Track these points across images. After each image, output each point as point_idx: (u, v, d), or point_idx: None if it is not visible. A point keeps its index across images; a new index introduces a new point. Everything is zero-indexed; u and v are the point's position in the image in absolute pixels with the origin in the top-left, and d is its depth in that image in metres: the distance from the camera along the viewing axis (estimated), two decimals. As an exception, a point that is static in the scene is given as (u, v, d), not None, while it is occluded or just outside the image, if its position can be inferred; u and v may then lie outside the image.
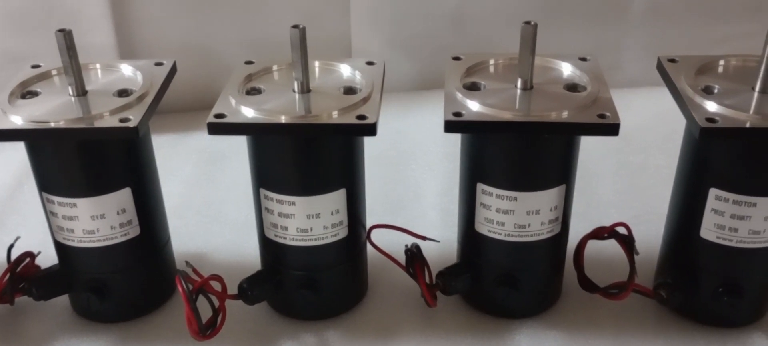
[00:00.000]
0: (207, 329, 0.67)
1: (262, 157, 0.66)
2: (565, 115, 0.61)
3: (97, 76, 0.71)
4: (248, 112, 0.62)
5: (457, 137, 0.69)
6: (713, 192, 0.64)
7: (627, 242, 0.70)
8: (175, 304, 0.77)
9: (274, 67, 0.70)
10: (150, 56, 0.99)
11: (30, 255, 0.73)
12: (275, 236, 0.69)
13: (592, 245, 0.73)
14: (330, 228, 0.68)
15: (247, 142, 0.67)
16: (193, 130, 1.11)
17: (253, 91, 0.67)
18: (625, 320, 0.74)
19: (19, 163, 0.95)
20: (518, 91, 0.65)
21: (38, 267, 0.74)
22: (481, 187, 0.67)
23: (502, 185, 0.65)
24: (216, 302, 0.68)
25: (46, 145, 0.64)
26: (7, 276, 0.71)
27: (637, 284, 0.70)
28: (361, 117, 0.61)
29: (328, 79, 0.69)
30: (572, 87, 0.66)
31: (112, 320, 0.74)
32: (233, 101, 0.64)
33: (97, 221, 0.67)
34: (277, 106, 0.64)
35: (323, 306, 0.73)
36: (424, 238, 0.74)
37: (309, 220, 0.67)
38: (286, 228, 0.68)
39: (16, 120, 0.62)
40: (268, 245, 0.71)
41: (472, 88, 0.67)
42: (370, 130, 0.61)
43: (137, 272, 0.72)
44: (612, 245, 0.71)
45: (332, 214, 0.67)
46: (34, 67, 0.71)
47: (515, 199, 0.65)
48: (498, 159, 0.65)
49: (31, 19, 1.03)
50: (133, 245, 0.70)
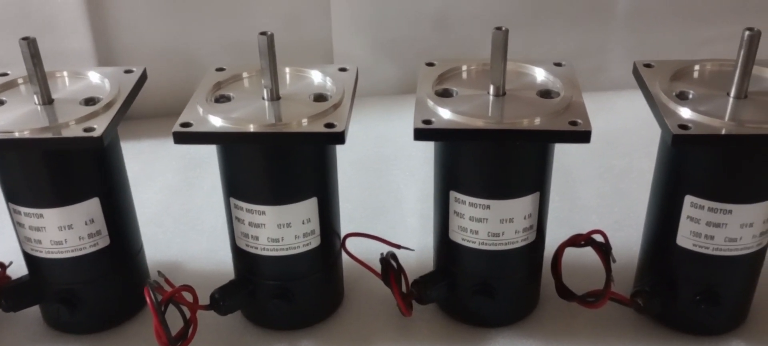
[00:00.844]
0: (177, 342, 0.65)
1: (231, 165, 0.65)
2: (537, 123, 0.60)
3: (64, 84, 0.70)
4: (216, 121, 0.61)
5: (438, 143, 0.68)
6: (689, 199, 0.63)
7: (603, 250, 0.69)
8: (148, 314, 0.74)
9: (244, 74, 0.69)
10: (129, 61, 0.99)
11: (0, 266, 0.72)
12: (247, 245, 0.68)
13: (573, 252, 0.72)
14: (302, 237, 0.67)
15: (216, 151, 0.66)
16: (173, 135, 1.10)
17: (222, 99, 0.66)
18: (603, 329, 0.73)
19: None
20: (490, 97, 0.64)
21: (9, 278, 0.73)
22: (454, 195, 0.66)
23: (475, 193, 0.64)
24: (188, 313, 0.67)
25: (11, 155, 0.63)
26: (-24, 287, 0.70)
27: (614, 293, 0.69)
28: (329, 125, 0.60)
29: (299, 85, 0.68)
30: (545, 93, 0.65)
31: (84, 332, 0.73)
32: (201, 109, 0.63)
33: (65, 231, 0.66)
34: (245, 114, 0.63)
35: (297, 316, 0.72)
36: (398, 246, 0.72)
37: (280, 229, 0.66)
38: (257, 237, 0.67)
39: (-20, 130, 0.61)
40: (240, 255, 0.70)
41: (444, 94, 0.66)
42: (338, 138, 0.60)
43: (108, 282, 0.71)
44: (592, 252, 0.70)
45: (304, 223, 0.66)
46: (2, 75, 0.70)
47: (488, 207, 0.64)
48: (470, 167, 0.64)
49: (6, 26, 1.02)
50: (102, 255, 0.69)
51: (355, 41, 1.15)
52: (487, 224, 0.65)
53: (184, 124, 0.61)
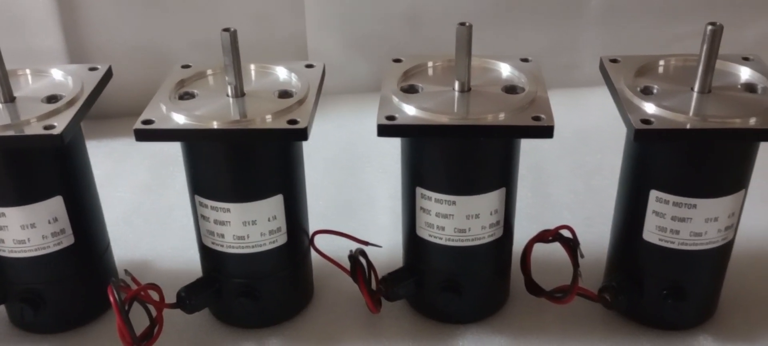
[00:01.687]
0: (142, 341, 0.65)
1: (195, 163, 0.65)
2: (501, 118, 0.60)
3: (27, 82, 0.69)
4: (179, 118, 0.61)
5: (404, 139, 0.68)
6: (654, 194, 0.63)
7: (571, 245, 0.68)
8: (114, 314, 0.74)
9: (209, 72, 0.69)
10: (101, 59, 0.97)
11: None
12: (212, 243, 0.67)
13: (545, 248, 0.71)
14: (267, 235, 0.66)
15: (180, 148, 0.65)
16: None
17: (186, 96, 0.66)
18: (572, 324, 0.73)
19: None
20: (455, 93, 0.64)
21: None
22: (420, 191, 0.65)
23: (441, 189, 0.64)
24: (154, 312, 0.66)
25: (-29, 153, 0.63)
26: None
27: (581, 288, 0.69)
28: (292, 122, 0.60)
29: (264, 82, 0.68)
30: (511, 89, 0.65)
31: (49, 331, 0.72)
32: (163, 107, 0.62)
33: (28, 230, 0.65)
34: (209, 111, 0.62)
35: (264, 314, 0.72)
36: (366, 243, 0.72)
37: (245, 227, 0.65)
38: (222, 235, 0.66)
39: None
40: (206, 253, 0.69)
41: (409, 91, 0.65)
42: (301, 135, 0.59)
43: (73, 281, 0.70)
44: (562, 248, 0.70)
45: (269, 220, 0.66)
46: (-37, 73, 0.69)
47: (454, 203, 0.64)
48: (435, 163, 0.64)
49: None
50: (66, 254, 0.68)
51: (329, 39, 1.14)
52: (453, 220, 0.65)
53: (146, 122, 0.61)
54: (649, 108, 0.60)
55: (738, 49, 0.74)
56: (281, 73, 0.69)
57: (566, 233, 0.69)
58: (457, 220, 0.65)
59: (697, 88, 0.62)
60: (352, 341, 0.72)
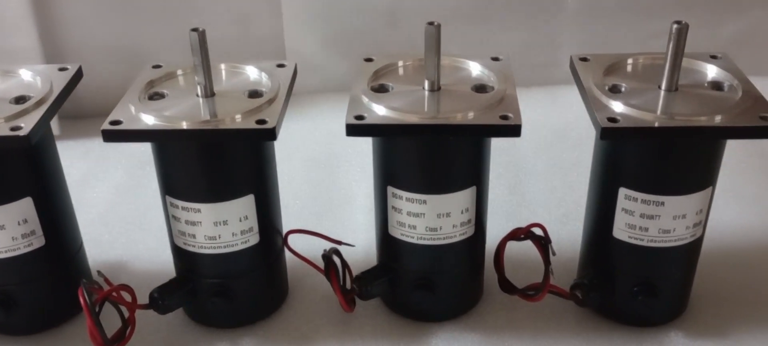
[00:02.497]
0: (113, 342, 0.65)
1: (166, 163, 0.65)
2: (470, 117, 0.60)
3: (-5, 83, 0.69)
4: (148, 119, 0.61)
5: (376, 139, 0.68)
6: (623, 191, 0.64)
7: (542, 243, 0.69)
8: (87, 315, 0.75)
9: (179, 72, 0.68)
10: (77, 59, 0.97)
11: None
12: (184, 243, 0.67)
13: (520, 246, 0.72)
14: (239, 235, 0.66)
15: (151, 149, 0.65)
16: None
17: (155, 96, 0.65)
18: (545, 321, 0.73)
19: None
20: (425, 93, 0.64)
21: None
22: (391, 190, 0.66)
23: (411, 188, 0.64)
24: (127, 313, 0.66)
25: (-62, 155, 0.62)
26: None
27: (553, 286, 0.69)
28: (260, 122, 0.60)
29: (235, 82, 0.68)
30: (480, 88, 0.65)
31: (21, 333, 0.72)
32: (132, 107, 0.62)
33: (-3, 232, 0.65)
34: (178, 111, 0.62)
35: (238, 314, 0.72)
36: (340, 242, 0.72)
37: (216, 227, 0.65)
38: (194, 236, 0.66)
39: None
40: (179, 253, 0.69)
41: (380, 90, 0.65)
42: (270, 135, 0.59)
43: (44, 282, 0.70)
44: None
45: (241, 220, 0.66)
46: (-70, 74, 0.69)
47: (425, 202, 0.64)
48: (405, 162, 0.64)
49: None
50: (37, 256, 0.68)
51: (307, 37, 1.14)
52: (425, 218, 0.65)
53: (114, 122, 0.60)
54: (617, 106, 0.60)
55: (715, 46, 0.75)
56: (252, 72, 0.69)
57: (538, 231, 0.70)
58: (429, 219, 0.65)
59: (664, 86, 0.63)
60: (326, 340, 0.72)
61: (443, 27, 0.62)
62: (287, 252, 0.73)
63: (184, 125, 0.60)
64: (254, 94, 0.65)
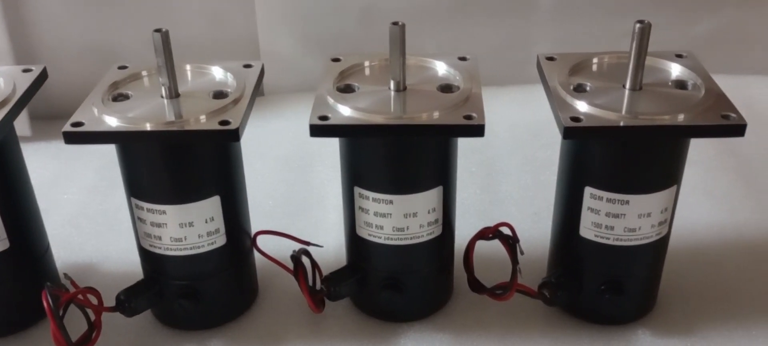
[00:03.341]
0: (78, 345, 0.64)
1: (130, 165, 0.64)
2: (435, 117, 0.60)
3: (-42, 85, 0.68)
4: (111, 120, 0.60)
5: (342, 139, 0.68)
6: (588, 190, 0.64)
7: (510, 242, 0.69)
8: (55, 318, 0.74)
9: (144, 73, 0.68)
10: (50, 60, 0.96)
11: None
12: (150, 245, 0.67)
13: (490, 245, 0.72)
14: (205, 236, 0.66)
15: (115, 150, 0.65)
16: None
17: (120, 98, 0.65)
18: (514, 320, 0.73)
19: None
20: (391, 93, 0.64)
21: None
22: (358, 191, 0.65)
23: (378, 189, 0.64)
24: (93, 316, 0.66)
25: None
26: None
27: (520, 285, 0.69)
28: (224, 123, 0.59)
29: (200, 82, 0.67)
30: (446, 87, 0.65)
31: (-14, 337, 0.71)
32: (95, 109, 0.62)
33: (-40, 235, 0.64)
34: (141, 113, 0.62)
35: (206, 315, 0.71)
36: (308, 243, 0.72)
37: (182, 229, 0.65)
38: (160, 237, 0.66)
39: None
40: (145, 255, 0.69)
41: (346, 90, 0.65)
42: (233, 136, 0.59)
43: (9, 286, 0.69)
44: (507, 245, 0.71)
45: (207, 222, 0.65)
46: None
47: (391, 202, 0.64)
48: (371, 162, 0.64)
49: None
50: (1, 259, 0.67)
51: (281, 37, 1.14)
52: (391, 219, 0.65)
53: (76, 124, 0.60)
54: (581, 106, 0.60)
55: (689, 45, 0.75)
56: (217, 73, 0.68)
57: (506, 230, 0.70)
58: (395, 219, 0.65)
59: (628, 85, 0.63)
60: (296, 340, 0.72)
61: (419, 26, 0.62)
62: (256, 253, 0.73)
63: (148, 127, 0.59)
64: (219, 94, 0.65)
